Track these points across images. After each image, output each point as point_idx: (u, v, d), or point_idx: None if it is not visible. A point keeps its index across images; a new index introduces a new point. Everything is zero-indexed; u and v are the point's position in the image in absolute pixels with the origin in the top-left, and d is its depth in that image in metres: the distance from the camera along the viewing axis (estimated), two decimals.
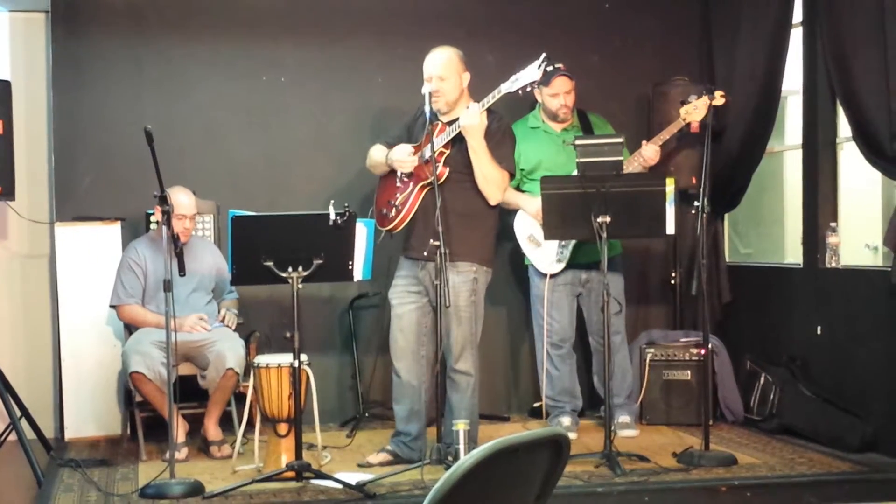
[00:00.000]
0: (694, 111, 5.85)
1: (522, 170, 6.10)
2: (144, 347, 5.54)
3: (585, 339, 6.42)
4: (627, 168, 5.88)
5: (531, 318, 6.38)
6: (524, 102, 6.32)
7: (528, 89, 5.21)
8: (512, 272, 6.79)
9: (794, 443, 5.89)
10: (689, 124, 5.99)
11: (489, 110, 5.26)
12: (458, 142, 5.33)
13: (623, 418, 6.20)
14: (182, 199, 5.65)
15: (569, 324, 6.23)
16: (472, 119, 5.19)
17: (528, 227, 6.09)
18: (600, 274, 5.66)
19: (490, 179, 5.33)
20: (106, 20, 6.58)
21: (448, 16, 6.82)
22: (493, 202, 5.41)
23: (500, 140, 5.34)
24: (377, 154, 5.59)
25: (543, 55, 5.12)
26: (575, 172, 5.57)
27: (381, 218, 5.54)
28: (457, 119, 5.31)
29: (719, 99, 5.84)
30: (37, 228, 6.47)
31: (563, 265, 6.07)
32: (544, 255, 6.09)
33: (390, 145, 5.55)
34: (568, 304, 6.21)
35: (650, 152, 5.98)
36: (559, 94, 6.13)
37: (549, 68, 5.93)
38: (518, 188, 6.08)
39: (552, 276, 6.12)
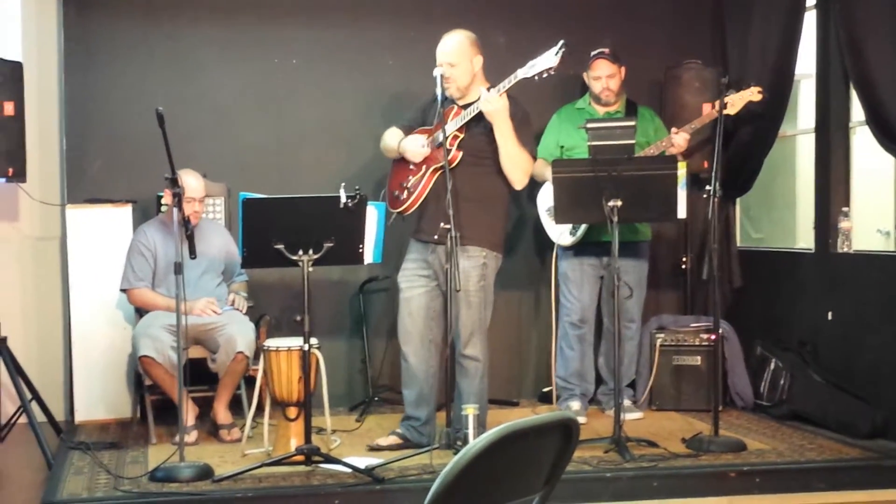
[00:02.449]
0: (729, 105, 5.81)
1: (562, 147, 6.15)
2: (154, 331, 5.54)
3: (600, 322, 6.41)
4: (652, 150, 5.93)
5: (541, 302, 6.37)
6: (574, 86, 6.34)
7: (545, 76, 5.16)
8: (522, 257, 6.78)
9: (804, 429, 5.87)
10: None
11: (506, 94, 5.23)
12: (473, 126, 5.31)
13: (625, 402, 6.18)
14: (191, 182, 5.63)
15: (589, 304, 6.23)
16: (494, 105, 5.16)
17: (549, 200, 6.10)
18: (626, 257, 5.70)
19: (516, 163, 5.30)
20: (117, 1, 6.57)
21: None
22: (518, 186, 5.39)
23: (518, 126, 5.31)
24: (391, 139, 5.57)
25: (561, 42, 5.05)
26: None
27: (394, 200, 5.53)
28: (472, 102, 5.29)
29: (757, 95, 5.81)
30: (48, 211, 6.48)
31: (574, 239, 6.07)
32: (560, 227, 6.09)
33: (405, 128, 5.54)
34: (590, 284, 6.21)
35: (680, 140, 5.96)
36: (601, 78, 6.14)
37: (594, 52, 6.01)
38: None
39: (577, 255, 6.15)
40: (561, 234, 6.13)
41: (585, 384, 6.29)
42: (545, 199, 6.16)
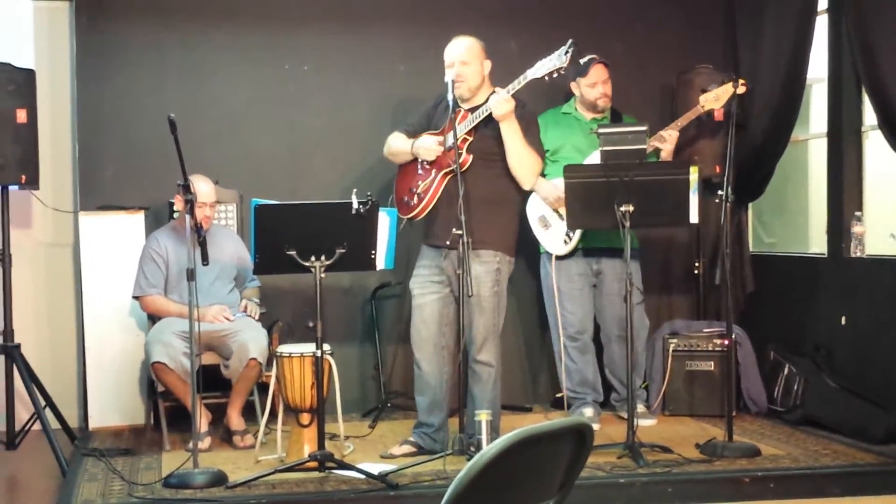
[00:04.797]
0: (714, 100, 5.81)
1: (547, 150, 6.10)
2: (167, 337, 5.55)
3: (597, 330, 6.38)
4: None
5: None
6: (559, 93, 6.31)
7: (555, 76, 5.17)
8: (530, 260, 6.76)
9: (818, 434, 5.85)
10: (711, 112, 5.98)
11: (514, 97, 5.23)
12: (482, 129, 5.31)
13: (639, 408, 6.16)
14: (201, 187, 5.64)
15: (585, 315, 6.21)
16: (503, 107, 5.16)
17: (539, 209, 6.09)
18: (613, 263, 5.72)
19: (524, 163, 5.32)
20: (129, 9, 6.59)
21: (470, 3, 6.80)
22: (527, 186, 5.43)
23: (527, 127, 5.33)
24: (398, 142, 5.57)
25: (570, 41, 5.07)
26: (594, 159, 5.58)
27: (402, 206, 5.53)
28: (479, 106, 5.30)
29: (741, 87, 5.79)
30: (61, 218, 6.50)
31: (570, 247, 6.06)
32: (553, 236, 6.09)
33: (409, 133, 5.54)
34: (584, 295, 6.19)
35: (667, 136, 5.96)
36: (597, 83, 6.12)
37: (584, 59, 6.02)
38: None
39: (565, 261, 6.13)
40: (555, 243, 6.11)
41: (595, 392, 6.27)
42: (535, 208, 6.15)
